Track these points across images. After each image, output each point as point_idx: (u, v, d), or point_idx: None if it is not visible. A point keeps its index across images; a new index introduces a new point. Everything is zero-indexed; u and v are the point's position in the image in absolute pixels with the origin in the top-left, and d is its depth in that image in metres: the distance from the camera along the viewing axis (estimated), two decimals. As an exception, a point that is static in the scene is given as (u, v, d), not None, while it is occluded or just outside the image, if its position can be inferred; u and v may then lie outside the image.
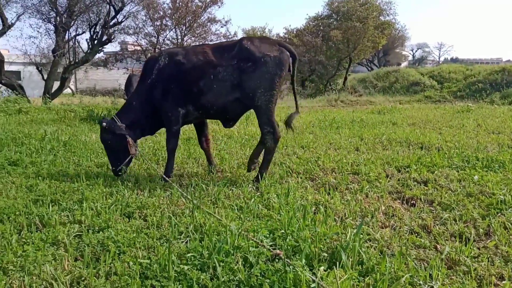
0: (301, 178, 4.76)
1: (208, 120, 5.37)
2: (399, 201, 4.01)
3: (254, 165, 4.94)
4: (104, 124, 4.71)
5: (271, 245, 2.72)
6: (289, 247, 2.63)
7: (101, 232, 3.05)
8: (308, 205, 3.46)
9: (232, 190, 4.26)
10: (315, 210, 3.60)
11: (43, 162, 5.45)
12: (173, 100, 4.73)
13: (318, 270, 2.24)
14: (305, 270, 2.22)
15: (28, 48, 25.16)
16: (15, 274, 2.46)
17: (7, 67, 19.02)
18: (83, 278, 2.42)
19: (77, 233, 3.09)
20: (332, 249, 2.62)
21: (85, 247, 2.79)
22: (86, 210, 3.47)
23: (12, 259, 2.61)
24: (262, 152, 4.81)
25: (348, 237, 2.68)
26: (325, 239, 2.72)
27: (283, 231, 2.86)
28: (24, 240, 2.95)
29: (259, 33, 34.67)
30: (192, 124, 5.36)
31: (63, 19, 18.94)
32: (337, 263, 2.46)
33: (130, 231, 3.08)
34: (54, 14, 19.23)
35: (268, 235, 2.84)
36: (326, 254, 2.56)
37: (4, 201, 3.74)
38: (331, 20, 27.80)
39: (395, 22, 30.70)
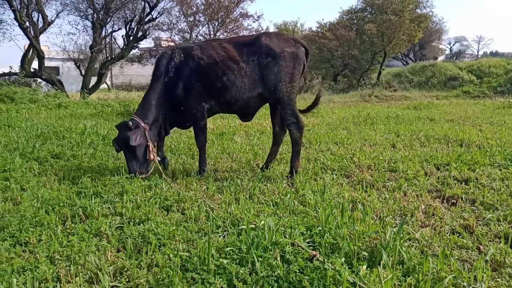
0: (336, 175, 4.71)
1: (235, 115, 5.39)
2: (439, 200, 3.90)
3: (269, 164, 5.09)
4: (130, 124, 4.49)
5: (308, 242, 2.71)
6: (327, 245, 2.61)
7: (141, 224, 3.13)
8: (345, 203, 3.42)
9: (267, 186, 4.27)
10: (352, 207, 3.56)
11: (84, 155, 5.64)
12: (196, 96, 4.73)
13: (359, 269, 2.21)
14: (344, 268, 2.20)
15: (67, 44, 25.94)
16: (61, 263, 2.56)
17: (46, 63, 19.74)
18: (125, 269, 2.49)
19: (119, 225, 3.19)
20: (372, 248, 2.59)
21: (126, 238, 2.88)
22: (127, 202, 3.56)
23: (58, 248, 2.72)
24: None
25: (388, 236, 2.63)
26: (364, 238, 2.68)
27: (320, 228, 2.84)
28: (68, 230, 3.07)
29: (291, 27, 34.44)
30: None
31: (100, 16, 19.47)
32: (377, 262, 2.42)
33: (169, 224, 3.15)
34: (92, 11, 19.80)
35: (305, 232, 2.84)
36: (365, 253, 2.53)
37: (49, 193, 3.90)
38: (366, 13, 27.21)
39: (432, 15, 29.80)
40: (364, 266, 2.20)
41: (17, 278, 2.30)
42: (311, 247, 2.64)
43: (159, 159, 4.79)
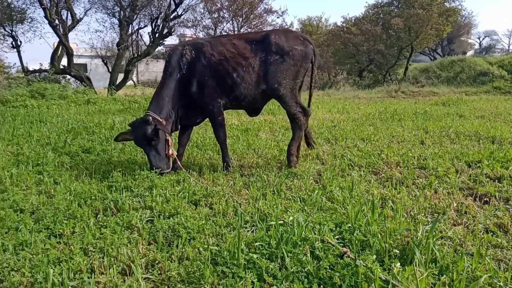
0: (363, 171, 4.65)
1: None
2: (471, 198, 3.80)
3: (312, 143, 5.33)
4: (150, 119, 4.44)
5: (337, 239, 2.69)
6: (357, 242, 2.59)
7: (171, 218, 3.17)
8: (374, 200, 3.37)
9: (294, 182, 4.26)
10: (381, 204, 3.51)
11: (113, 150, 5.76)
12: (211, 93, 4.75)
13: (392, 266, 2.18)
14: (376, 266, 2.17)
15: (95, 41, 26.58)
16: (95, 255, 2.62)
17: (75, 60, 20.26)
18: (157, 262, 2.54)
19: (149, 218, 3.24)
20: (403, 246, 2.55)
21: (157, 232, 2.93)
22: (156, 196, 3.62)
23: (91, 240, 2.80)
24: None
25: (420, 234, 2.58)
26: (395, 235, 2.64)
27: (350, 225, 2.81)
28: (100, 223, 3.14)
29: (315, 23, 34.11)
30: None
31: (127, 13, 19.80)
32: (409, 260, 2.38)
33: (198, 218, 3.18)
34: (118, 9, 20.17)
35: (334, 228, 2.82)
36: (397, 251, 2.49)
37: (81, 187, 4.01)
38: (392, 7, 26.67)
39: (461, 9, 28.94)
40: (398, 264, 2.17)
41: (53, 269, 2.37)
42: (340, 244, 2.61)
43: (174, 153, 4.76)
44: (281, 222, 2.92)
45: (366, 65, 26.10)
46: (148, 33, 20.51)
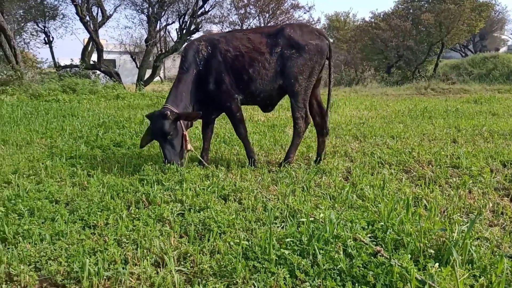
0: (394, 169, 4.57)
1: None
2: (507, 198, 3.68)
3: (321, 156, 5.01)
4: (168, 113, 4.38)
5: (370, 237, 2.65)
6: (390, 241, 2.54)
7: (201, 212, 3.20)
8: (407, 198, 3.31)
9: (322, 178, 4.22)
10: (414, 204, 3.44)
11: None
12: (228, 89, 4.70)
13: (427, 266, 2.13)
14: (412, 265, 2.13)
15: (124, 38, 27.07)
16: (128, 246, 2.67)
17: (104, 56, 20.68)
18: (189, 254, 2.56)
19: (180, 211, 3.28)
20: (438, 246, 2.48)
21: (188, 225, 2.96)
22: (186, 190, 3.66)
23: (124, 232, 2.85)
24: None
25: (456, 234, 2.51)
26: (430, 235, 2.58)
27: (382, 223, 2.77)
28: (133, 215, 3.20)
29: (342, 18, 33.68)
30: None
31: (155, 9, 20.06)
32: (445, 261, 2.32)
33: (227, 212, 3.20)
34: (147, 5, 20.47)
35: (366, 227, 2.78)
36: (431, 251, 2.43)
37: (113, 179, 4.09)
38: (423, 2, 26.05)
39: (494, 4, 28.00)
40: (436, 264, 2.12)
41: (89, 259, 2.43)
42: (373, 243, 2.57)
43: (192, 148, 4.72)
44: (312, 219, 2.90)
45: (394, 61, 25.58)
46: (176, 29, 20.77)
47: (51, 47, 24.31)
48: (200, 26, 20.61)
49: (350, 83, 23.74)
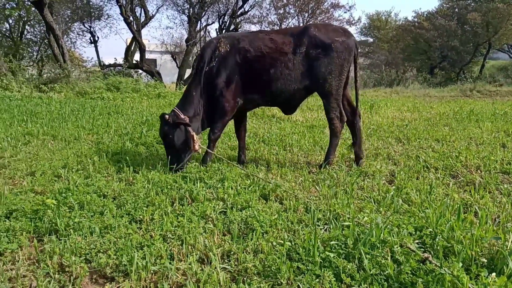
0: (440, 174, 4.41)
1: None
2: None
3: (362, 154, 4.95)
4: (167, 116, 4.41)
5: (417, 243, 2.57)
6: (439, 248, 2.45)
7: (243, 211, 3.21)
8: (457, 204, 3.18)
9: (365, 181, 4.14)
10: (463, 210, 3.30)
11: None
12: (234, 90, 4.59)
13: (481, 276, 2.04)
14: (463, 274, 2.04)
15: (165, 38, 27.69)
16: (173, 242, 2.73)
17: (146, 56, 21.24)
18: (232, 252, 2.58)
19: (222, 209, 3.31)
20: (491, 255, 2.37)
21: (231, 223, 2.98)
22: (228, 189, 3.69)
23: (170, 228, 2.91)
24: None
25: (511, 243, 2.39)
26: (482, 243, 2.47)
27: (431, 229, 2.68)
28: (177, 212, 3.26)
29: (384, 17, 32.91)
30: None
31: (196, 10, 20.40)
32: (498, 270, 2.21)
33: (269, 212, 3.20)
34: (188, 6, 20.85)
35: (413, 232, 2.69)
36: (484, 260, 2.33)
37: (157, 176, 4.19)
38: (469, 1, 25.03)
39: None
40: (493, 274, 2.02)
41: (137, 253, 2.49)
42: (421, 249, 2.50)
43: (200, 149, 4.59)
44: (356, 222, 2.85)
45: (438, 62, 24.76)
46: (216, 29, 21.06)
47: (96, 47, 25.25)
48: (239, 26, 20.77)
49: (391, 83, 23.16)
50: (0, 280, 2.34)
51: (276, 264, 2.34)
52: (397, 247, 2.41)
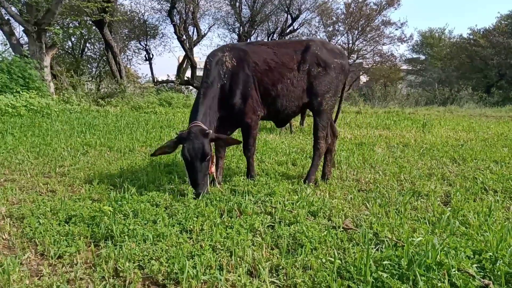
0: (500, 196, 4.17)
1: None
2: None
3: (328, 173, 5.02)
4: (209, 132, 3.95)
5: (476, 267, 2.44)
6: (500, 273, 2.31)
7: (291, 226, 3.20)
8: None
9: (419, 201, 3.99)
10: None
11: (232, 156, 6.05)
12: (252, 104, 4.41)
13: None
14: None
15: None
16: (222, 253, 2.75)
17: (197, 73, 21.89)
18: (281, 267, 2.57)
19: (270, 223, 3.31)
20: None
21: (279, 237, 2.97)
22: (276, 203, 3.69)
23: (219, 239, 2.94)
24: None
25: None
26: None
27: (491, 253, 2.53)
28: (226, 223, 3.30)
29: (437, 35, 31.93)
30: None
31: (246, 28, 20.86)
32: None
33: (318, 228, 3.16)
34: (238, 24, 21.37)
35: (471, 256, 2.56)
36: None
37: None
38: (530, 17, 23.83)
39: None
40: None
41: (188, 262, 2.54)
42: (480, 273, 2.36)
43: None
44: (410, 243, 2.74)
45: (495, 81, 23.63)
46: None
47: (150, 64, 26.42)
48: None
49: (444, 102, 22.32)
50: (59, 281, 2.46)
51: (326, 281, 2.30)
52: (454, 271, 2.30)
